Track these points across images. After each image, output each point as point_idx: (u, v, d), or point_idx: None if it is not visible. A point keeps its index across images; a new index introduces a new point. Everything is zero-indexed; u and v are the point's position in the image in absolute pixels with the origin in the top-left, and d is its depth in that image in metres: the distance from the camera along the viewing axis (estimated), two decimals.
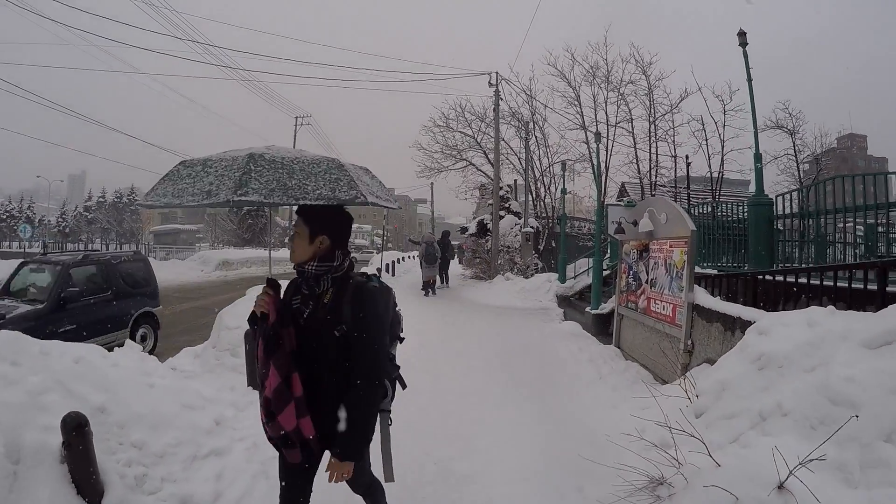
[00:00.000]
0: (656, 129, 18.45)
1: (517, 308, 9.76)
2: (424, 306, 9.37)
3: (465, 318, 8.33)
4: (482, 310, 9.33)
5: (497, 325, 7.86)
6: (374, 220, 71.22)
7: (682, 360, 4.82)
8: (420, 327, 7.18)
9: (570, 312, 9.98)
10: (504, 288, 11.40)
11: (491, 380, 4.88)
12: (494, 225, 12.92)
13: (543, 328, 7.85)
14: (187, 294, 13.93)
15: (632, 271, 6.13)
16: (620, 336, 6.60)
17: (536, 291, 10.75)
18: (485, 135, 16.70)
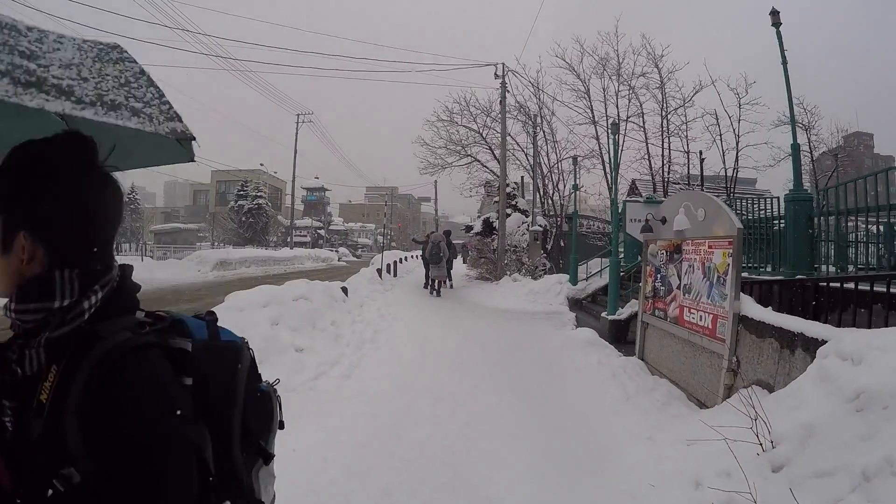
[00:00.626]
0: (668, 124, 17.77)
1: (526, 312, 9.11)
2: (427, 309, 8.74)
3: (470, 323, 7.69)
4: (489, 314, 8.69)
5: (506, 331, 7.22)
6: (378, 218, 70.68)
7: (725, 381, 4.17)
8: (422, 333, 6.56)
9: (583, 317, 9.33)
10: (511, 289, 10.76)
11: (503, 402, 4.24)
12: (501, 223, 12.28)
13: (556, 335, 7.20)
14: (181, 296, 13.36)
15: (659, 275, 5.47)
16: (645, 347, 5.94)
17: (546, 294, 10.10)
18: (490, 129, 16.06)
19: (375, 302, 8.89)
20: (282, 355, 4.56)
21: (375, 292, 10.09)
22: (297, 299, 5.28)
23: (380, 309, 7.74)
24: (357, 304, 7.35)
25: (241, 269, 20.45)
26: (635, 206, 8.07)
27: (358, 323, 6.36)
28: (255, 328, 4.61)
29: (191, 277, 17.72)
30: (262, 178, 47.66)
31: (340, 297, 6.81)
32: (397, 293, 10.62)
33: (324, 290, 6.25)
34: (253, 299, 4.87)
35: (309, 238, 50.27)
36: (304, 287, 5.79)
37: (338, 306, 6.39)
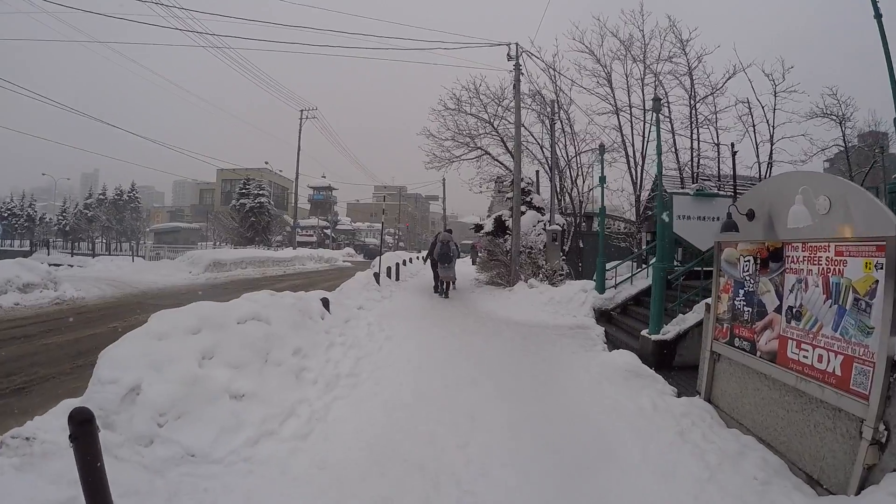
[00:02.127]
0: (696, 114, 16.18)
1: (547, 326, 7.68)
2: (430, 323, 7.34)
3: (481, 343, 6.27)
4: (503, 329, 7.27)
5: (525, 355, 5.79)
6: (386, 218, 69.30)
7: (866, 459, 2.72)
8: (420, 359, 5.16)
9: (613, 333, 7.88)
10: (527, 297, 9.33)
11: (528, 485, 2.82)
12: (515, 221, 10.84)
13: (587, 360, 5.75)
14: (164, 300, 12.11)
15: (742, 290, 4.01)
16: (714, 386, 4.49)
17: (569, 304, 8.66)
18: (502, 120, 14.59)
19: (368, 314, 7.53)
20: (211, 406, 3.20)
21: (371, 300, 8.74)
22: (246, 321, 3.92)
23: (371, 324, 6.36)
24: (342, 320, 5.98)
25: (235, 270, 19.27)
26: (683, 200, 6.63)
27: (337, 346, 4.99)
28: (175, 365, 3.27)
29: (180, 279, 16.57)
30: (267, 177, 46.78)
31: (317, 311, 5.45)
32: (397, 301, 9.25)
33: (292, 305, 4.89)
34: (180, 322, 3.51)
35: (315, 238, 49.26)
36: (261, 302, 4.43)
37: (311, 326, 5.02)
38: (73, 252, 23.00)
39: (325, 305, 5.81)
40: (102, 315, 9.01)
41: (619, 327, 8.34)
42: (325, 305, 5.81)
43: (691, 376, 5.44)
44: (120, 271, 17.99)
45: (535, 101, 14.70)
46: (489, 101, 14.22)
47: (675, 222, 6.53)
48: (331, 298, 6.34)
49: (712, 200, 6.81)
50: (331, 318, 5.69)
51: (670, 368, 6.31)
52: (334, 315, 5.92)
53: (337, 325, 5.62)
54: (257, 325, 3.96)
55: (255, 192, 31.61)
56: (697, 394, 4.80)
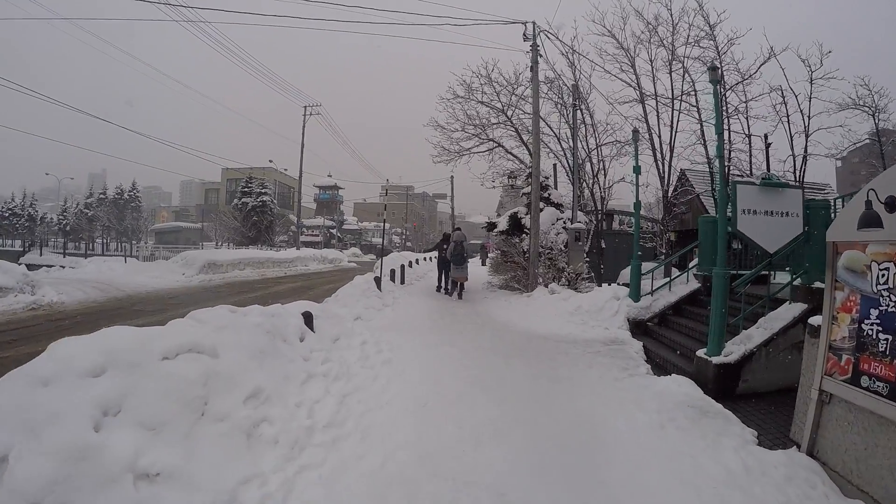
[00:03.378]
0: (726, 104, 14.84)
1: (576, 341, 6.47)
2: (438, 338, 6.18)
3: (501, 365, 5.08)
4: (524, 344, 6.08)
5: (557, 382, 4.60)
6: (394, 218, 68.37)
7: None
8: (425, 395, 4.00)
9: (653, 348, 6.68)
10: (550, 305, 8.13)
11: None
12: (534, 219, 9.63)
13: (637, 391, 4.56)
14: (148, 305, 11.05)
15: (878, 310, 2.80)
16: (822, 436, 3.28)
17: (600, 313, 7.45)
18: (516, 110, 13.38)
19: (367, 325, 6.39)
20: (105, 492, 2.07)
21: (370, 309, 7.60)
22: (177, 355, 2.79)
23: (366, 343, 5.21)
24: (329, 339, 4.83)
25: (232, 272, 18.24)
26: (748, 191, 5.37)
27: (317, 379, 3.84)
28: (59, 427, 2.15)
29: (171, 282, 15.56)
30: (272, 176, 45.96)
31: (295, 331, 4.31)
32: (400, 309, 8.10)
33: (256, 325, 3.75)
34: (76, 360, 2.40)
35: (321, 238, 48.37)
36: (211, 324, 3.30)
37: (283, 352, 3.88)
38: (66, 252, 22.18)
39: (308, 322, 4.67)
40: (77, 323, 8.04)
41: (659, 341, 7.12)
42: (308, 322, 4.67)
43: (761, 408, 4.69)
44: (111, 273, 17.03)
45: (551, 90, 13.48)
46: (502, 88, 13.02)
47: (739, 218, 5.33)
48: (319, 311, 5.20)
49: (782, 192, 5.59)
50: (314, 339, 4.54)
51: (733, 397, 5.15)
52: (320, 333, 4.77)
53: (321, 348, 4.47)
54: (193, 361, 2.82)
55: (257, 191, 30.68)
56: (795, 445, 3.60)
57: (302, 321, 4.59)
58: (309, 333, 4.56)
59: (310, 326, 4.68)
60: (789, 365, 5.44)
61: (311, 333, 4.60)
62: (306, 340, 4.45)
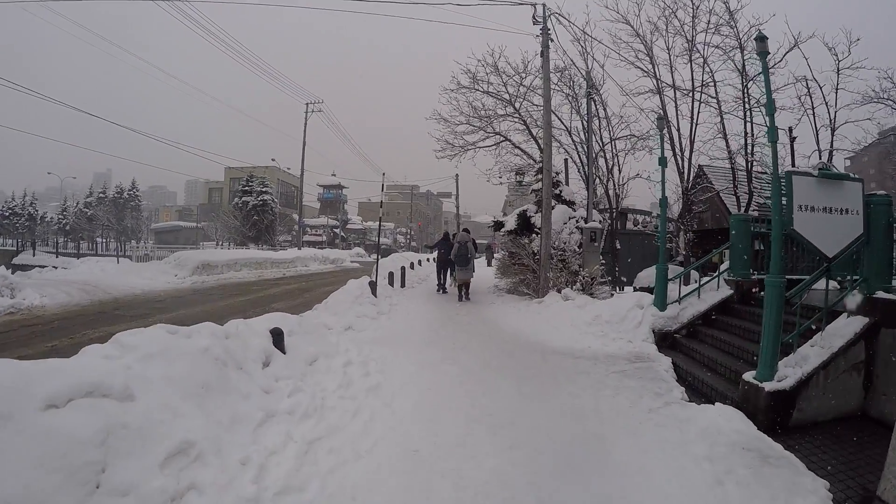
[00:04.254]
0: (749, 95, 13.87)
1: (596, 356, 5.61)
2: (438, 355, 5.35)
3: (511, 390, 4.23)
4: (537, 362, 5.23)
5: (580, 418, 3.74)
6: (398, 217, 67.54)
7: None
8: (417, 438, 3.16)
9: (683, 365, 5.81)
10: (564, 313, 7.27)
11: None
12: (545, 218, 8.76)
13: (677, 428, 3.70)
14: (132, 309, 10.29)
15: None
16: None
17: (621, 324, 6.57)
18: (524, 100, 12.50)
19: (355, 340, 5.58)
20: None
21: (363, 318, 6.80)
22: (69, 402, 1.97)
23: (350, 363, 4.38)
24: (304, 361, 4.01)
25: (228, 273, 17.52)
26: (805, 183, 4.47)
27: (279, 419, 3.01)
28: None
29: (162, 283, 14.87)
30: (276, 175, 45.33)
31: (257, 355, 3.49)
32: (397, 318, 7.28)
33: (203, 351, 2.94)
34: None
35: (325, 237, 47.73)
36: (137, 352, 2.50)
37: (238, 385, 3.07)
38: (58, 252, 21.60)
39: (277, 341, 3.85)
40: (53, 328, 7.51)
41: (690, 357, 6.24)
42: (277, 341, 3.85)
43: (821, 445, 3.95)
44: (102, 274, 16.39)
45: (562, 80, 12.58)
46: (509, 78, 12.15)
47: (795, 215, 4.44)
48: (294, 324, 4.38)
49: (841, 185, 4.69)
50: (283, 362, 3.73)
51: (787, 429, 4.32)
52: (293, 353, 3.96)
53: (291, 374, 3.65)
54: (91, 410, 2.01)
55: (258, 190, 29.99)
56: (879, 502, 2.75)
57: (269, 340, 3.78)
58: (277, 356, 3.74)
59: (279, 346, 3.86)
60: (849, 390, 4.64)
61: (280, 356, 3.79)
62: (273, 365, 3.64)
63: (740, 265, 7.38)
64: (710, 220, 15.93)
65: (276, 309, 11.17)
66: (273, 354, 3.73)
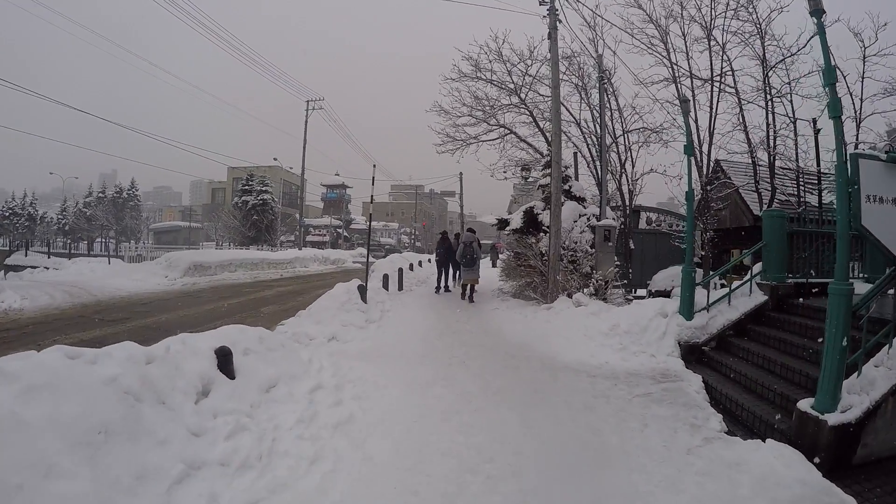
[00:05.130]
0: (769, 85, 12.95)
1: (616, 374, 4.80)
2: (431, 373, 4.58)
3: (517, 427, 3.44)
4: (548, 382, 4.44)
5: (603, 463, 2.94)
6: (403, 217, 66.79)
7: None
8: (401, 489, 2.37)
9: (715, 384, 5.02)
10: (576, 321, 6.46)
11: None
12: (554, 215, 7.94)
13: (718, 474, 2.89)
14: (115, 312, 9.54)
15: None
16: None
17: (642, 334, 5.75)
18: (530, 90, 11.70)
19: (337, 352, 4.82)
20: None
21: (348, 328, 6.03)
22: None
23: (318, 390, 3.60)
24: (258, 387, 3.24)
25: (221, 274, 16.87)
26: (876, 169, 3.64)
27: (205, 473, 2.25)
28: None
29: (151, 285, 14.23)
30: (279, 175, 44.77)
31: (188, 387, 2.72)
32: (389, 327, 6.51)
33: (107, 384, 2.20)
34: None
35: (328, 237, 47.10)
36: (20, 383, 1.76)
37: (151, 426, 2.31)
38: (50, 253, 21.12)
39: (224, 363, 3.08)
40: (25, 333, 7.03)
41: (722, 374, 5.40)
42: (224, 363, 3.08)
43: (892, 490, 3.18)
44: (92, 275, 15.80)
45: (570, 69, 11.75)
46: (513, 66, 11.34)
47: (864, 208, 3.61)
48: (253, 340, 3.62)
49: None
50: (228, 391, 2.96)
51: (850, 468, 3.53)
52: (245, 378, 3.19)
53: (236, 408, 2.88)
54: None
55: (258, 189, 29.34)
56: None
57: (211, 363, 3.01)
58: (221, 383, 2.98)
59: (226, 370, 3.10)
60: None
61: (226, 383, 3.02)
62: (213, 396, 2.88)
63: (775, 267, 6.54)
64: (728, 219, 15.02)
65: (264, 313, 10.53)
66: (215, 381, 2.97)
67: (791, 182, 12.53)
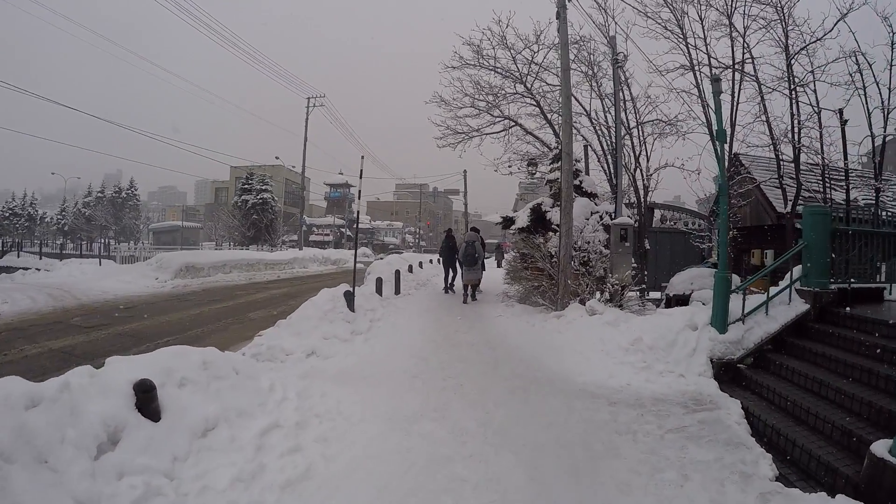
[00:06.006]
0: (793, 74, 12.05)
1: (640, 401, 4.03)
2: (419, 401, 3.85)
3: (523, 482, 2.71)
4: (560, 411, 3.69)
5: None
6: (408, 216, 66.08)
7: None
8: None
9: (760, 412, 4.22)
10: (590, 332, 5.69)
11: None
12: (565, 212, 7.16)
13: None
14: (96, 317, 8.87)
15: None
16: None
17: (670, 350, 4.97)
18: (536, 79, 10.92)
19: (312, 372, 4.09)
20: None
21: (331, 340, 5.31)
22: None
23: (272, 430, 2.87)
24: (191, 431, 2.50)
25: (215, 275, 16.23)
26: None
27: None
28: None
29: (140, 288, 13.63)
30: (281, 174, 44.25)
31: (82, 440, 1.99)
32: (378, 339, 5.76)
33: None
34: None
35: (332, 237, 46.54)
36: None
37: (18, 498, 1.56)
38: (42, 254, 20.64)
39: (145, 402, 2.35)
40: None
41: (763, 397, 4.59)
42: (145, 402, 2.35)
43: None
44: (81, 276, 15.25)
45: (579, 57, 10.95)
46: (518, 53, 10.56)
47: None
48: (196, 366, 2.91)
49: None
50: (145, 438, 2.24)
51: None
52: (174, 419, 2.47)
53: (153, 460, 2.16)
54: None
55: (258, 188, 28.74)
56: None
57: (127, 402, 2.29)
58: (138, 427, 2.26)
59: (147, 410, 2.37)
60: None
61: (146, 426, 2.30)
62: (123, 446, 2.16)
63: (818, 271, 5.73)
64: (749, 216, 14.15)
65: (252, 318, 9.82)
66: (128, 426, 2.25)
67: (814, 178, 11.67)
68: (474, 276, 9.73)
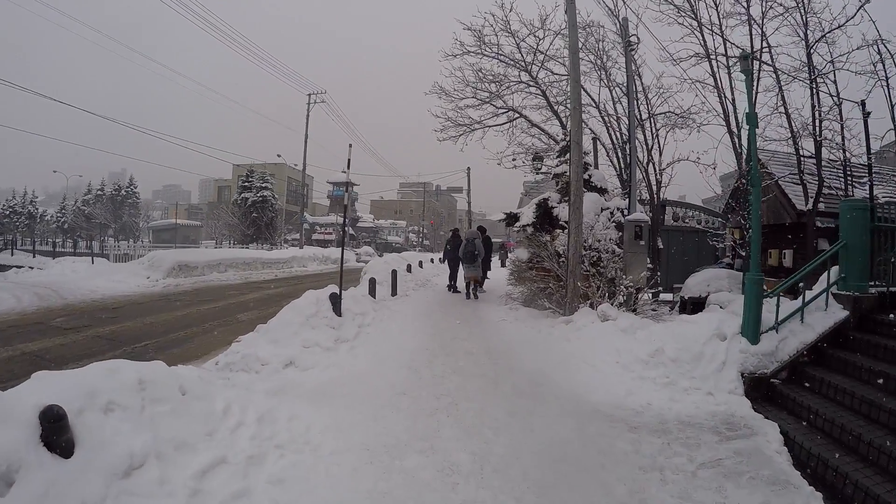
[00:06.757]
0: (812, 64, 11.36)
1: (666, 427, 3.45)
2: (403, 427, 3.31)
3: None
4: (571, 441, 3.12)
5: None
6: (412, 216, 65.46)
7: None
8: None
9: (800, 438, 3.62)
10: (604, 340, 5.10)
11: None
12: (574, 209, 6.57)
13: None
14: (78, 319, 8.40)
15: None
16: None
17: (696, 364, 4.37)
18: (542, 68, 10.31)
19: (287, 386, 3.55)
20: None
21: (312, 349, 4.76)
22: None
23: (215, 468, 2.32)
24: (109, 471, 1.96)
25: (210, 274, 15.75)
26: None
27: None
28: None
29: (131, 287, 13.19)
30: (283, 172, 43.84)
31: None
32: (366, 347, 5.19)
33: None
34: None
35: (334, 236, 46.05)
36: None
37: None
38: (35, 252, 20.29)
39: (52, 434, 1.80)
40: None
41: (802, 417, 3.99)
42: (52, 434, 1.80)
43: None
44: (73, 275, 14.78)
45: (586, 45, 10.34)
46: (521, 41, 9.95)
47: None
48: (129, 388, 2.37)
49: None
50: (45, 482, 1.70)
51: None
52: (90, 453, 1.92)
53: None
54: None
55: (258, 185, 28.26)
56: None
57: (31, 434, 1.76)
58: (40, 467, 1.71)
59: (55, 444, 1.83)
60: None
61: (51, 465, 1.75)
62: (16, 492, 1.62)
63: (857, 273, 5.13)
64: (766, 215, 13.49)
65: (241, 320, 9.28)
66: (25, 467, 1.72)
67: (834, 174, 11.03)
68: (475, 273, 9.95)
